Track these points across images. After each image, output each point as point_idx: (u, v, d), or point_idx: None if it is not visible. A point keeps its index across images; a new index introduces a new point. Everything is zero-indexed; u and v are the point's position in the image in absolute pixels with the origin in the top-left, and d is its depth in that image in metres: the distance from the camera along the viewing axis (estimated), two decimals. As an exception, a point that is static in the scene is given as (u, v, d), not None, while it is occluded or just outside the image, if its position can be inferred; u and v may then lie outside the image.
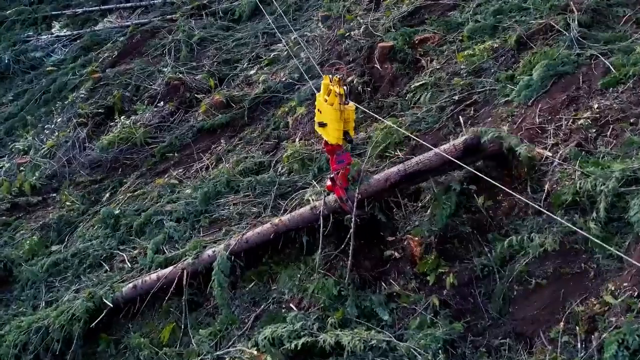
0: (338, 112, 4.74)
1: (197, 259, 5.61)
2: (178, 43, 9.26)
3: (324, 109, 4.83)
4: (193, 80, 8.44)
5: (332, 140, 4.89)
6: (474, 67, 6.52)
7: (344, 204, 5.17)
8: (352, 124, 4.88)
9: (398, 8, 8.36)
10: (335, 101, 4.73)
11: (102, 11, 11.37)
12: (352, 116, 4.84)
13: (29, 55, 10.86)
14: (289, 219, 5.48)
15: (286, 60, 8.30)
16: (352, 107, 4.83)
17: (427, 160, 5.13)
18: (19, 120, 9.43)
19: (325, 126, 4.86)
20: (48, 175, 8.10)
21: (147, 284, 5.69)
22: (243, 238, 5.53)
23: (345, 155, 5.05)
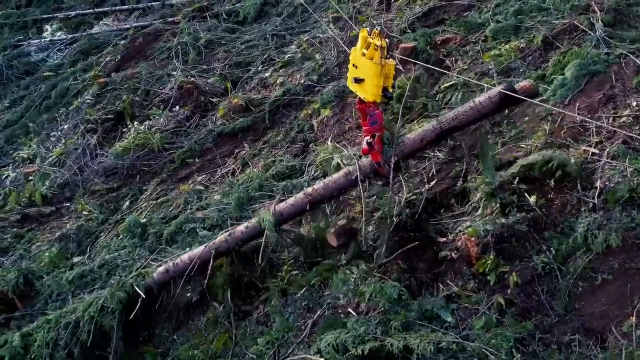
0: (379, 67, 4.47)
1: (230, 236, 5.42)
2: (185, 46, 9.09)
3: (362, 63, 4.55)
4: (206, 83, 8.30)
5: (369, 97, 4.65)
6: (503, 67, 6.60)
7: (382, 167, 4.99)
8: (392, 80, 4.68)
9: (411, 9, 8.40)
10: (375, 55, 4.47)
11: (96, 14, 11.08)
12: (392, 72, 4.62)
13: (23, 60, 10.50)
14: (323, 187, 5.25)
15: (301, 62, 8.24)
16: (393, 62, 4.63)
17: (464, 114, 5.08)
18: (20, 127, 9.11)
19: (362, 82, 4.59)
20: (59, 184, 7.85)
21: (180, 266, 5.48)
22: (277, 211, 5.28)
23: (378, 115, 4.80)
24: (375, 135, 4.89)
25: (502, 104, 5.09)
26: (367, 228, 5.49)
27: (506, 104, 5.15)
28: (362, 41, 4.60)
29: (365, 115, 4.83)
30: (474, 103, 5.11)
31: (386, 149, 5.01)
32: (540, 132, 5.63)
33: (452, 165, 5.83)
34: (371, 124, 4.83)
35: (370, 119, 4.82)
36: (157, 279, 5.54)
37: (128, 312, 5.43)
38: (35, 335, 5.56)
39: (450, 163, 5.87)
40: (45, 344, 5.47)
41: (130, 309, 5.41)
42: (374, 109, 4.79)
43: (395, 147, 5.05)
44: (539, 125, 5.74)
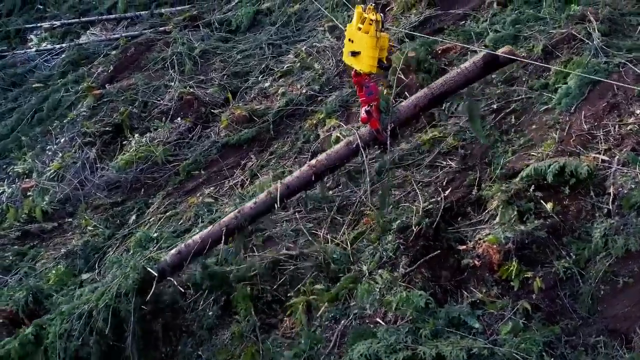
0: (374, 39, 4.84)
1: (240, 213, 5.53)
2: (180, 56, 9.05)
3: (358, 37, 4.92)
4: (205, 94, 8.29)
5: (365, 68, 5.00)
6: (506, 76, 6.79)
7: (380, 134, 5.39)
8: (386, 52, 5.07)
9: (406, 18, 8.54)
10: (371, 29, 4.83)
11: (82, 23, 10.91)
12: (386, 44, 5.04)
13: (9, 71, 10.28)
14: (326, 158, 5.56)
15: (300, 71, 8.30)
16: (387, 35, 5.06)
17: (452, 80, 5.62)
18: (12, 141, 8.94)
19: (358, 55, 4.95)
20: (60, 199, 7.75)
21: (191, 246, 5.54)
22: (284, 184, 5.54)
23: (373, 87, 5.19)
24: (372, 105, 5.27)
25: (486, 69, 5.72)
26: (386, 237, 5.62)
27: (490, 69, 5.83)
28: (357, 17, 4.96)
29: (361, 86, 5.20)
30: (461, 69, 5.68)
31: (383, 117, 5.40)
32: (550, 140, 5.82)
33: (465, 174, 5.98)
34: (367, 95, 5.21)
35: (366, 90, 5.20)
36: (170, 261, 5.59)
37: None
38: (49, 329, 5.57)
39: (463, 171, 6.02)
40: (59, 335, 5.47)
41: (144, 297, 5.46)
42: (369, 81, 5.17)
43: (391, 114, 5.44)
44: (548, 134, 5.93)
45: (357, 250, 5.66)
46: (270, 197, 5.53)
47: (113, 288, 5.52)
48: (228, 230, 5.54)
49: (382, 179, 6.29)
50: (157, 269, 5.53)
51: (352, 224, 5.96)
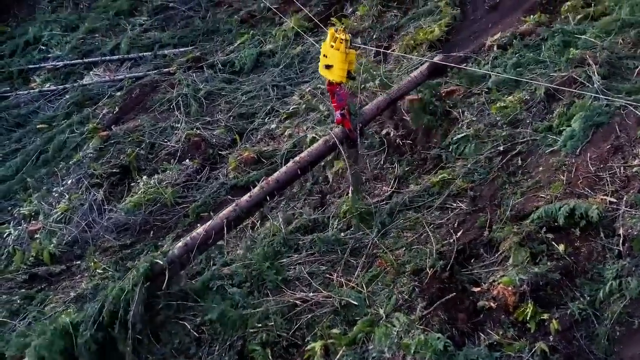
0: (344, 55, 5.84)
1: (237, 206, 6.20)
2: (185, 97, 9.17)
3: (331, 53, 5.92)
4: (212, 135, 8.40)
5: (337, 78, 6.01)
6: (510, 119, 6.97)
7: (352, 133, 6.45)
8: (354, 65, 6.10)
9: (408, 60, 8.76)
10: (341, 46, 5.82)
11: (85, 64, 11.02)
12: (354, 58, 6.04)
13: (12, 112, 10.34)
14: (308, 154, 6.59)
15: (305, 112, 8.44)
16: (355, 51, 6.04)
17: (405, 86, 7.32)
18: (17, 183, 8.94)
19: (331, 67, 5.95)
20: (68, 242, 7.74)
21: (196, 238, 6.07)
22: (274, 179, 6.42)
23: (343, 94, 6.23)
24: (344, 108, 6.30)
25: (429, 75, 7.52)
26: (401, 280, 5.70)
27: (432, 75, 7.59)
28: (330, 36, 5.94)
29: (334, 94, 6.22)
30: (411, 77, 7.48)
31: (352, 118, 6.46)
32: (558, 182, 5.98)
33: (476, 216, 6.10)
34: (339, 101, 6.25)
35: (337, 97, 6.23)
36: (178, 253, 6.02)
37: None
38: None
39: (474, 213, 6.14)
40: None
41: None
42: (340, 89, 6.20)
43: (358, 117, 6.60)
44: (555, 176, 6.09)
45: (373, 292, 5.72)
46: (263, 190, 6.38)
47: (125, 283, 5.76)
48: (228, 221, 6.20)
49: (393, 220, 6.40)
50: (167, 260, 5.92)
51: (365, 266, 6.04)
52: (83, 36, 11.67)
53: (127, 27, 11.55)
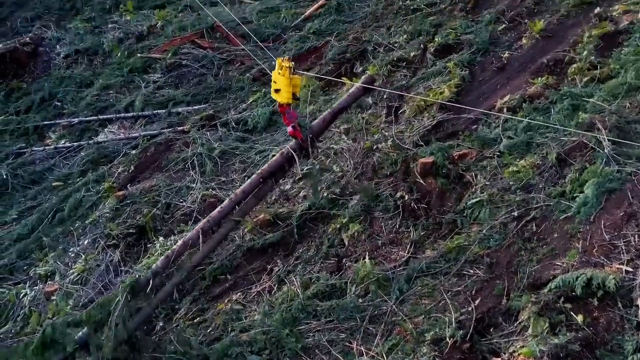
0: (289, 80, 6.93)
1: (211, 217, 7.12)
2: (200, 157, 9.34)
3: (279, 79, 6.99)
4: (227, 195, 8.50)
5: (284, 100, 7.07)
6: (523, 184, 7.09)
7: (304, 143, 7.46)
8: (299, 88, 7.22)
9: (419, 121, 8.94)
10: (286, 73, 6.90)
11: (100, 121, 11.25)
12: (298, 83, 7.17)
13: (28, 169, 10.50)
14: (269, 166, 7.59)
15: (319, 173, 8.57)
16: (298, 77, 7.17)
17: (345, 101, 8.29)
18: (33, 241, 9.04)
19: (279, 91, 7.02)
20: (84, 303, 7.78)
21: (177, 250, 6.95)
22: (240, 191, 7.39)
23: (292, 113, 7.31)
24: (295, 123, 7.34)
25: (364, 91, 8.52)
26: (421, 349, 5.74)
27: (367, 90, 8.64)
28: (278, 65, 6.98)
29: (284, 113, 7.29)
30: (349, 93, 8.46)
31: (304, 131, 7.45)
32: (573, 250, 6.06)
33: (493, 283, 6.17)
34: (289, 118, 7.30)
35: (287, 115, 7.28)
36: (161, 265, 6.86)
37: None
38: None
39: (491, 280, 6.21)
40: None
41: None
42: (289, 109, 7.23)
43: (309, 129, 7.60)
44: (570, 243, 6.18)
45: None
46: (232, 201, 7.31)
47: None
48: (203, 231, 7.07)
49: (410, 287, 6.47)
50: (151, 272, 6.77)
51: (385, 334, 6.08)
52: (97, 93, 11.93)
53: (141, 84, 11.81)
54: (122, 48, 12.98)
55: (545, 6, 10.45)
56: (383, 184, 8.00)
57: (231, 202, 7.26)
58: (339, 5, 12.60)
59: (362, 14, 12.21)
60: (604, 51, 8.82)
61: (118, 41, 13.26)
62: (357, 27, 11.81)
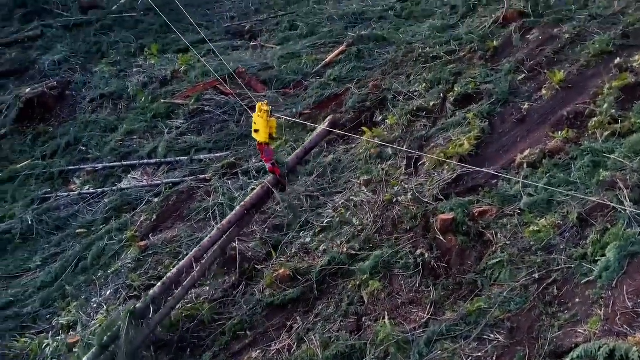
0: (266, 121, 7.82)
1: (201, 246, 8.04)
2: (221, 207, 9.44)
3: (258, 121, 7.88)
4: (247, 248, 8.60)
5: (262, 139, 7.96)
6: (544, 244, 7.07)
7: (282, 178, 8.45)
8: (275, 129, 8.05)
9: (439, 173, 8.97)
10: (264, 115, 7.80)
11: (124, 167, 11.44)
12: (274, 124, 8.00)
13: (52, 215, 10.69)
14: (250, 199, 8.51)
15: (339, 226, 8.62)
16: (275, 119, 8.02)
17: (315, 140, 9.44)
18: (56, 290, 9.15)
19: (258, 131, 7.93)
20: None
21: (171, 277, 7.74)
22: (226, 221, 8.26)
23: (269, 150, 8.18)
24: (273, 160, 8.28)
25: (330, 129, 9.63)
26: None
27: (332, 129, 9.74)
28: (258, 109, 7.87)
29: (262, 151, 8.16)
30: (318, 132, 9.49)
31: (281, 167, 8.44)
32: (595, 317, 6.01)
33: (514, 349, 6.12)
34: (267, 155, 8.19)
35: (265, 152, 8.15)
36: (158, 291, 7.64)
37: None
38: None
39: (512, 346, 6.17)
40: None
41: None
42: (267, 147, 8.11)
43: (285, 165, 8.63)
44: (592, 310, 6.13)
45: None
46: (220, 230, 8.15)
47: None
48: (195, 259, 7.88)
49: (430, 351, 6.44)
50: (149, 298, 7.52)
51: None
52: (122, 138, 12.13)
53: (164, 130, 12.01)
54: (146, 93, 13.23)
55: (565, 55, 10.51)
56: (403, 240, 8.01)
57: (219, 231, 8.17)
58: (359, 52, 12.75)
59: (382, 61, 12.34)
60: (625, 104, 8.84)
61: (142, 86, 13.52)
62: (377, 75, 11.93)
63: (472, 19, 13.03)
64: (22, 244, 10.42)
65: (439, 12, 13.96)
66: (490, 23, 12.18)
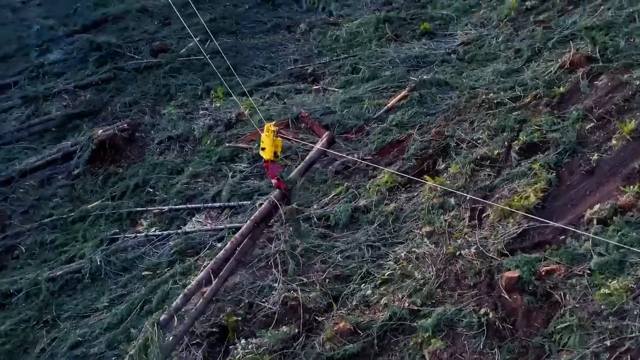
0: (272, 140, 8.88)
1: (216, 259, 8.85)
2: (283, 254, 9.52)
3: (265, 139, 8.91)
4: (308, 298, 8.61)
5: (268, 156, 9.00)
6: (616, 309, 6.79)
7: (286, 192, 9.45)
8: (280, 148, 9.11)
9: (504, 226, 8.79)
10: (270, 135, 8.82)
11: (189, 210, 11.73)
12: (279, 144, 9.04)
13: (120, 255, 11.03)
14: (259, 212, 9.46)
15: (400, 279, 8.54)
16: (280, 140, 9.09)
17: (314, 156, 10.81)
18: (122, 332, 9.39)
19: (265, 149, 8.93)
20: (166, 403, 7.97)
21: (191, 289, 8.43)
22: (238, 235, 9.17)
23: (275, 167, 9.25)
24: (278, 175, 9.33)
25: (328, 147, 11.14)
26: None
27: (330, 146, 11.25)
28: (266, 129, 8.90)
29: (268, 168, 9.24)
30: (316, 149, 10.90)
31: (286, 182, 9.47)
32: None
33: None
34: (272, 172, 9.25)
35: (271, 169, 9.23)
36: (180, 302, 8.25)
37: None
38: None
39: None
40: None
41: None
42: (272, 164, 9.17)
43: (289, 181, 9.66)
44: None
45: None
46: (233, 243, 9.02)
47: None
48: (213, 272, 8.62)
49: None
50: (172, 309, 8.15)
51: None
52: (187, 181, 12.46)
53: (228, 173, 12.28)
54: (212, 136, 13.59)
55: (636, 103, 10.20)
56: (466, 296, 7.86)
57: (232, 244, 9.01)
58: (421, 96, 12.73)
59: (445, 107, 12.28)
60: (702, 157, 8.50)
61: (208, 128, 13.89)
62: (439, 121, 11.87)
63: (537, 63, 12.83)
64: (91, 284, 10.76)
65: (503, 55, 13.80)
66: (557, 68, 11.95)
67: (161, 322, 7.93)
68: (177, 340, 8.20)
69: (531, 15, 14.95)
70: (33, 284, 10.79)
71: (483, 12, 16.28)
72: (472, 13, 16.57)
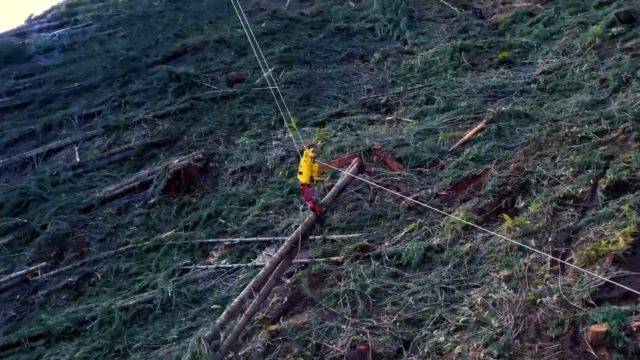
0: (309, 165, 9.61)
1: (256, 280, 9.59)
2: (352, 294, 9.27)
3: (303, 164, 9.63)
4: (377, 342, 8.29)
5: (304, 180, 9.67)
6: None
7: (322, 214, 10.37)
8: (316, 173, 9.88)
9: (589, 275, 8.17)
10: (308, 160, 9.54)
11: (259, 242, 11.70)
12: (316, 169, 9.82)
13: (190, 287, 11.11)
14: (296, 234, 10.13)
15: (476, 326, 8.07)
16: (317, 165, 9.89)
17: (346, 180, 11.32)
18: (190, 366, 9.39)
19: (302, 173, 9.62)
20: None
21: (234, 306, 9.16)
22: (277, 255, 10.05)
23: (310, 191, 9.96)
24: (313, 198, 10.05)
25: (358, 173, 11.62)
26: None
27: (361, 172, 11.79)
28: (305, 154, 9.60)
29: (304, 191, 9.88)
30: (347, 175, 11.28)
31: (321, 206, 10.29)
32: None
33: None
34: (307, 195, 9.95)
35: (307, 193, 9.90)
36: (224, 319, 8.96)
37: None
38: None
39: None
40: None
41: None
42: (307, 188, 9.85)
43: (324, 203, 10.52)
44: None
45: None
46: (272, 263, 9.79)
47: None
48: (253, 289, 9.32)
49: None
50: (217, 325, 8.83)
51: None
52: (258, 212, 12.47)
53: (299, 206, 12.19)
54: (284, 167, 13.60)
55: None
56: (547, 350, 7.32)
57: (272, 264, 9.73)
58: (499, 129, 12.26)
59: (524, 140, 11.75)
60: None
61: (280, 159, 13.93)
62: (518, 155, 11.36)
63: (625, 93, 12.13)
64: (162, 314, 10.88)
65: (587, 85, 13.16)
66: (647, 99, 11.23)
67: (206, 338, 8.44)
68: (222, 355, 8.58)
69: (617, 43, 14.23)
70: (107, 313, 11.03)
71: (565, 39, 15.66)
72: (553, 40, 15.97)
